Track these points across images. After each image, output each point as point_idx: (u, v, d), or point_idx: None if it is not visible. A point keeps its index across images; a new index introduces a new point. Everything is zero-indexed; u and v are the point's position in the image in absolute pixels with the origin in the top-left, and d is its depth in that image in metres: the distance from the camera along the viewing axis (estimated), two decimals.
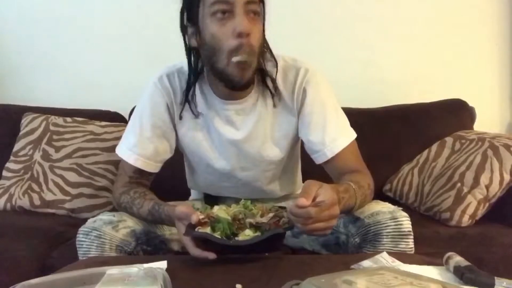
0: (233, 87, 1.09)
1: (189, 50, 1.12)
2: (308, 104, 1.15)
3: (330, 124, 1.14)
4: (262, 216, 0.94)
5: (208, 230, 0.91)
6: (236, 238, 0.90)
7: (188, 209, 0.96)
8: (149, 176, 1.21)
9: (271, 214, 0.94)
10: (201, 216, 0.93)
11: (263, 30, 1.09)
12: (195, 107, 1.17)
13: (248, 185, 1.24)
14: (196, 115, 1.17)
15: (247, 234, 0.90)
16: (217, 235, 0.90)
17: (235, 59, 1.02)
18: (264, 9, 1.08)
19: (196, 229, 0.92)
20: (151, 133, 1.17)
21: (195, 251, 0.91)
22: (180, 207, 0.98)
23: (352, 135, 1.16)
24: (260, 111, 1.17)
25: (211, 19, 1.03)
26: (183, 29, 1.11)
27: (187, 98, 1.15)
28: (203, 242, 0.91)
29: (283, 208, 0.99)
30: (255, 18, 1.04)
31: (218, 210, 0.94)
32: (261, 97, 1.17)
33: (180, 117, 1.18)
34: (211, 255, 0.89)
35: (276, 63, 1.15)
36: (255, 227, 0.91)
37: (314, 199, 0.87)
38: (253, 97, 1.16)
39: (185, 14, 1.09)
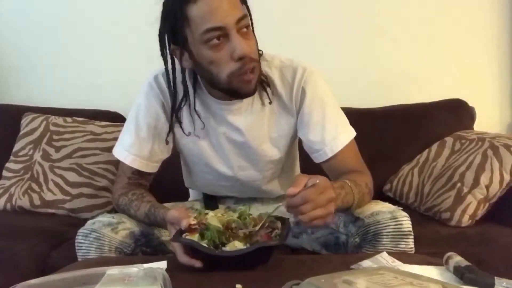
0: (239, 97, 1.09)
1: (173, 70, 1.11)
2: (307, 103, 1.14)
3: (330, 123, 1.14)
4: (255, 226, 0.92)
5: (196, 237, 0.89)
6: (224, 249, 0.88)
7: (180, 213, 0.96)
8: (148, 176, 1.21)
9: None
10: (193, 222, 0.91)
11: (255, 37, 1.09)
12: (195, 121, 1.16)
13: (247, 184, 1.24)
14: (187, 134, 1.17)
15: (235, 246, 0.87)
16: (204, 243, 0.88)
17: (241, 77, 1.01)
18: (251, 16, 1.06)
19: (183, 235, 0.91)
20: (147, 134, 1.17)
21: (183, 258, 0.90)
22: (172, 211, 0.98)
23: (351, 133, 1.16)
24: (257, 111, 1.16)
25: (205, 46, 1.01)
26: (164, 51, 1.08)
27: (177, 117, 1.15)
28: (191, 249, 0.89)
29: (280, 218, 0.98)
30: (248, 32, 1.03)
31: (211, 217, 0.92)
32: (257, 97, 1.16)
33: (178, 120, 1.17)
34: (198, 264, 0.88)
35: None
36: (246, 238, 0.89)
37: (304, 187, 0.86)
38: (249, 98, 1.15)
39: (166, 36, 1.07)
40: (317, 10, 2.12)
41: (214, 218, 0.92)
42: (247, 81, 1.03)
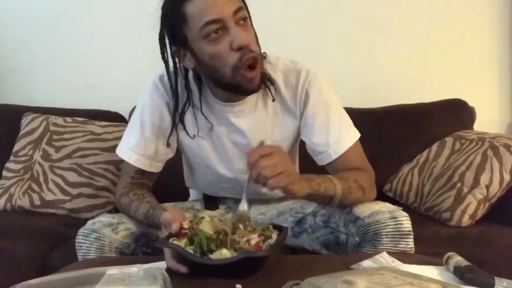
0: (244, 93, 1.09)
1: (175, 72, 1.12)
2: (311, 106, 1.14)
3: (334, 125, 1.14)
4: (244, 236, 0.89)
5: (183, 242, 0.88)
6: (210, 256, 0.86)
7: (174, 216, 0.95)
8: (151, 176, 1.21)
9: (254, 235, 0.89)
10: (186, 226, 0.90)
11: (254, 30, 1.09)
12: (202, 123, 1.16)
13: None
14: (192, 137, 1.17)
15: (223, 254, 0.85)
16: (191, 249, 0.86)
17: (243, 72, 1.02)
18: (248, 9, 1.07)
19: (170, 240, 0.90)
20: (151, 133, 1.17)
21: (170, 262, 0.90)
22: (166, 214, 0.98)
23: (356, 135, 1.16)
24: (260, 113, 1.16)
25: (205, 40, 1.02)
26: (165, 53, 1.09)
27: (181, 119, 1.15)
28: (177, 254, 0.88)
29: (277, 227, 0.97)
30: (245, 24, 1.04)
31: (205, 223, 0.91)
32: (261, 99, 1.16)
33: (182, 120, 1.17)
34: (183, 269, 0.88)
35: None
36: (236, 247, 0.87)
37: None
38: (252, 99, 1.15)
39: (166, 38, 1.08)
40: (317, 10, 2.12)
41: (207, 223, 0.90)
42: (250, 79, 1.03)
